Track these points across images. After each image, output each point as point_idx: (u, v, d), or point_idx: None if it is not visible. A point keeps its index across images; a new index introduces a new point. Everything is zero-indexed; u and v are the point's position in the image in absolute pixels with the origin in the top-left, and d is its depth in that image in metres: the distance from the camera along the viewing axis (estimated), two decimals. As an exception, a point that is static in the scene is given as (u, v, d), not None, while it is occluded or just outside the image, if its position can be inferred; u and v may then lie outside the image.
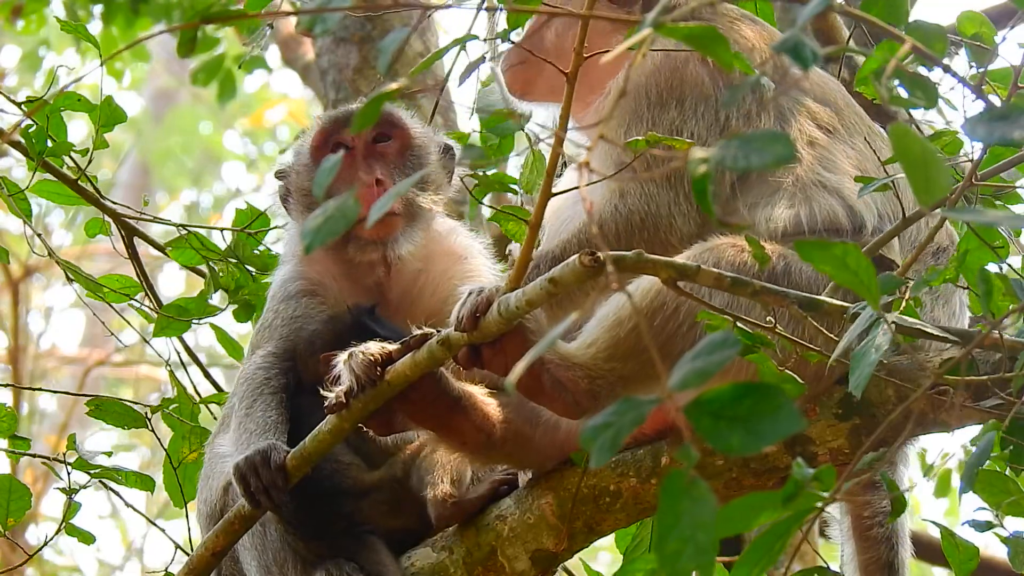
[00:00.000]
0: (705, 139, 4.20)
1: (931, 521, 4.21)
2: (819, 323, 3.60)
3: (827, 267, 2.85)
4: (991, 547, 8.11)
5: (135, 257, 5.46)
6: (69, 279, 5.24)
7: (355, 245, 4.38)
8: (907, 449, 4.25)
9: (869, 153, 4.24)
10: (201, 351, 5.75)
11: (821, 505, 2.77)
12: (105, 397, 5.00)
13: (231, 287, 5.22)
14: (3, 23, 9.29)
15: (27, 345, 11.44)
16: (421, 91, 6.43)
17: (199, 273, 5.37)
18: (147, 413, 4.94)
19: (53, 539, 4.82)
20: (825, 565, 4.03)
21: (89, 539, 4.78)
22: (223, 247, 5.26)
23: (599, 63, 3.48)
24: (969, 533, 3.85)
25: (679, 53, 4.25)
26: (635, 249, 3.27)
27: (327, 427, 3.90)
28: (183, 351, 5.50)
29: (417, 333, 3.80)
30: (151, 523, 5.38)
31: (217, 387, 5.63)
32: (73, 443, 4.72)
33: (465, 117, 5.24)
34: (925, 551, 7.05)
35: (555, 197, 4.17)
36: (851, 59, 5.56)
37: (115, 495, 4.98)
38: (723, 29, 4.31)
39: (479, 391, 4.04)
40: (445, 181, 4.54)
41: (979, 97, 3.16)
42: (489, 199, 5.40)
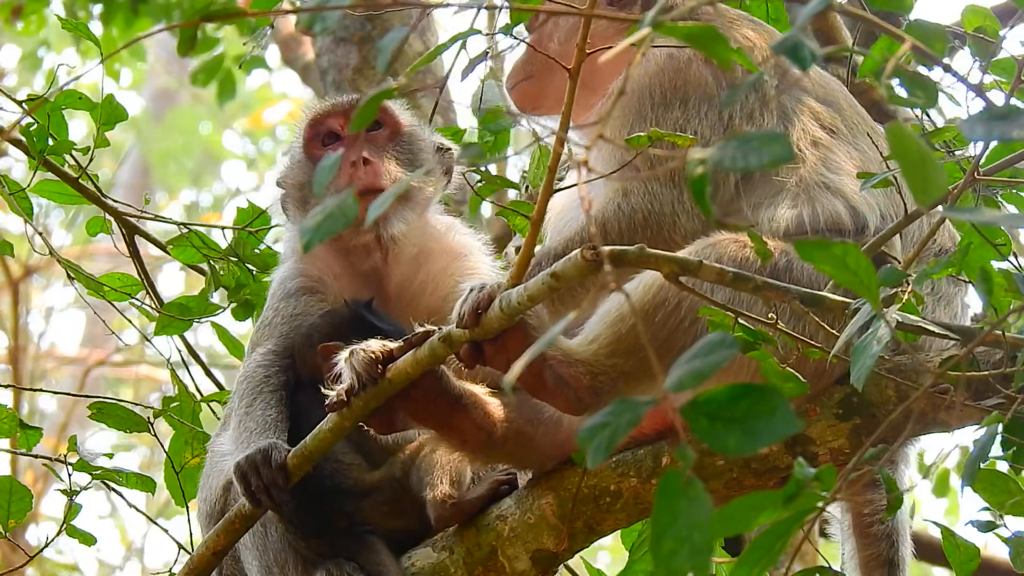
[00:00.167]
0: (709, 139, 4.20)
1: (932, 521, 4.21)
2: (821, 319, 3.60)
3: (827, 267, 2.85)
4: (991, 546, 8.12)
5: (136, 255, 5.45)
6: (70, 278, 5.23)
7: (349, 228, 4.38)
8: (908, 449, 4.25)
9: (872, 154, 4.23)
10: (200, 351, 5.73)
11: (822, 505, 2.76)
12: (107, 399, 5.00)
13: (231, 286, 5.21)
14: (3, 23, 9.28)
15: (27, 345, 11.43)
16: (421, 90, 6.43)
17: (200, 271, 5.36)
18: (149, 417, 4.93)
19: (53, 540, 4.82)
20: (827, 564, 4.03)
21: (90, 540, 4.77)
22: (224, 246, 5.25)
23: (601, 66, 3.48)
24: (969, 533, 3.85)
25: (682, 53, 4.25)
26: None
27: (328, 425, 3.90)
28: (184, 349, 5.50)
29: (419, 330, 3.79)
30: (152, 522, 5.38)
31: (219, 385, 5.62)
32: (74, 444, 4.72)
33: (465, 116, 5.24)
34: (925, 551, 7.06)
35: (560, 196, 4.18)
36: (852, 59, 5.56)
37: (116, 494, 4.97)
38: (722, 29, 4.31)
39: (480, 390, 4.04)
40: (439, 172, 4.55)
41: (979, 96, 3.16)
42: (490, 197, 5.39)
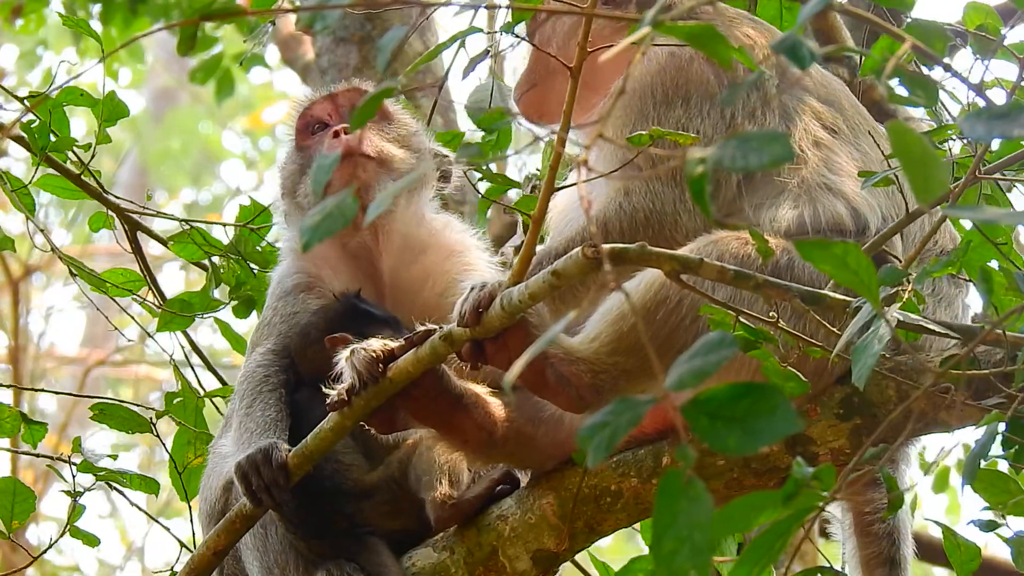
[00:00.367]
0: (711, 137, 4.20)
1: (933, 520, 4.20)
2: (821, 317, 3.59)
3: (827, 266, 2.84)
4: (991, 546, 8.12)
5: (139, 252, 5.45)
6: (72, 274, 5.23)
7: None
8: (909, 448, 4.24)
9: (874, 154, 4.23)
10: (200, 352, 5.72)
11: (821, 504, 2.76)
12: (109, 400, 4.99)
13: (232, 283, 5.21)
14: (2, 23, 9.28)
15: (27, 345, 11.43)
16: (420, 89, 6.43)
17: (202, 267, 5.36)
18: (151, 417, 4.92)
19: (57, 542, 4.81)
20: (828, 564, 4.03)
21: (94, 541, 4.76)
22: (225, 243, 5.25)
23: (602, 65, 3.48)
24: (970, 532, 3.85)
25: (684, 52, 4.24)
26: None
27: (329, 425, 3.89)
28: (187, 345, 5.49)
29: (420, 329, 3.79)
30: (154, 520, 5.37)
31: (222, 381, 5.62)
32: (78, 445, 4.71)
33: (465, 116, 5.24)
34: (926, 551, 7.05)
35: (563, 195, 4.17)
36: (852, 58, 5.56)
37: (118, 494, 4.96)
38: (722, 28, 4.31)
39: (481, 389, 4.03)
40: (434, 171, 4.56)
41: (978, 95, 3.16)
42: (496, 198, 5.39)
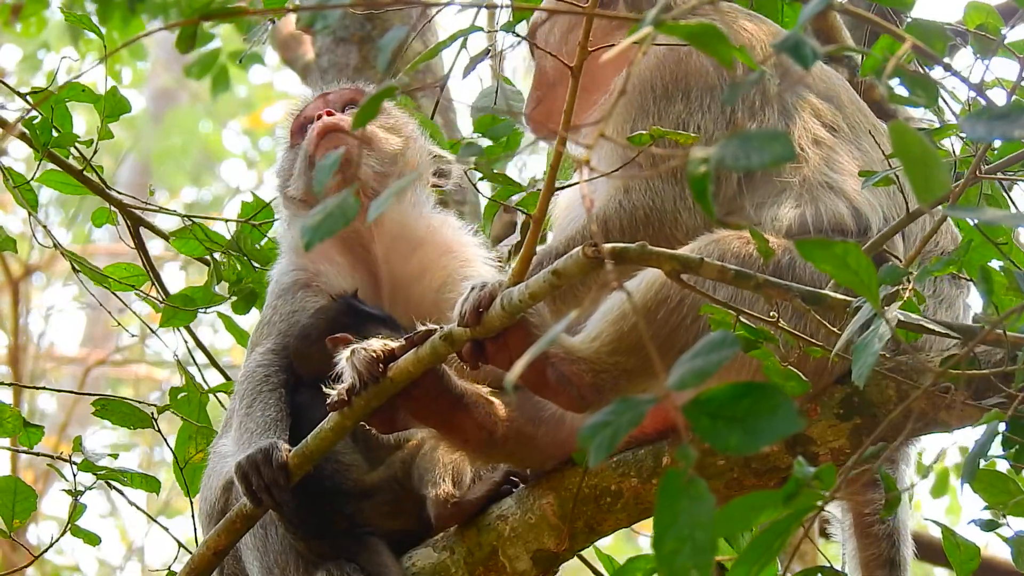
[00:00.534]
0: (712, 132, 4.19)
1: (932, 520, 4.20)
2: (822, 317, 3.59)
3: (827, 266, 2.84)
4: (991, 546, 8.12)
5: (141, 247, 5.45)
6: (75, 270, 5.23)
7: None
8: (909, 448, 4.24)
9: (875, 153, 4.22)
10: (200, 351, 5.71)
11: (821, 504, 2.76)
12: (111, 396, 4.99)
13: (232, 280, 5.21)
14: (2, 25, 9.28)
15: (27, 345, 11.42)
16: (421, 89, 6.43)
17: (204, 263, 5.35)
18: (153, 413, 4.93)
19: (57, 541, 4.81)
20: (828, 564, 4.03)
21: (95, 540, 4.76)
22: (226, 239, 5.25)
23: (602, 63, 3.48)
24: (970, 532, 3.85)
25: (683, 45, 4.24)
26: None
27: (329, 425, 3.89)
28: (191, 340, 5.49)
29: (420, 329, 3.79)
30: (154, 521, 5.37)
31: (226, 376, 5.61)
32: (79, 444, 4.71)
33: (465, 116, 5.25)
34: (926, 551, 7.05)
35: (563, 194, 4.17)
36: (852, 58, 5.56)
37: (118, 493, 4.96)
38: (723, 25, 4.31)
39: (482, 389, 4.03)
40: (429, 171, 4.57)
41: (979, 95, 3.16)
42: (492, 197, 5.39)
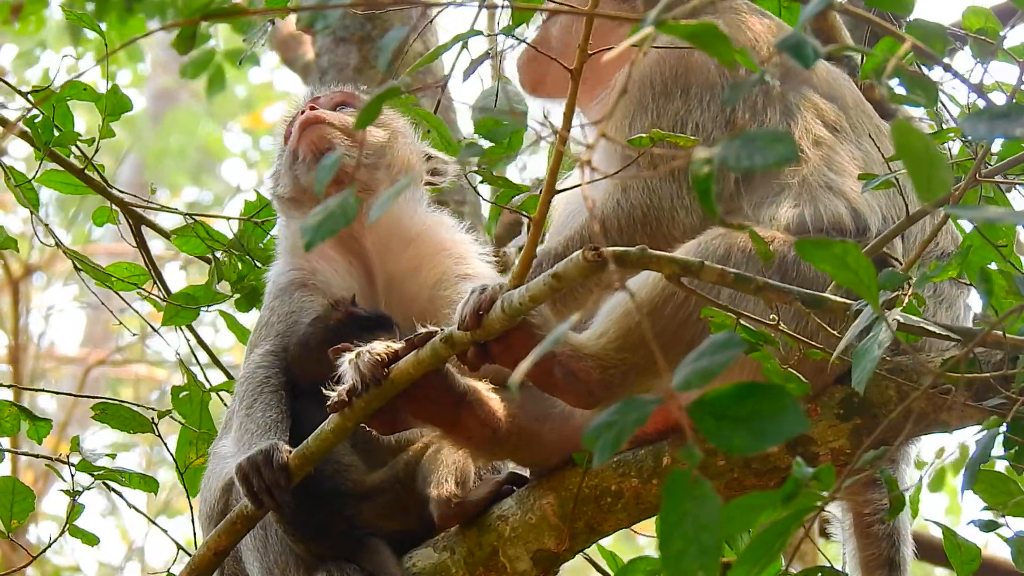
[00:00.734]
0: (711, 131, 4.18)
1: (933, 521, 4.20)
2: (822, 320, 3.59)
3: (827, 266, 2.84)
4: (991, 546, 8.13)
5: (143, 246, 5.45)
6: (76, 268, 5.23)
7: (300, 167, 4.46)
8: (909, 448, 4.24)
9: (876, 154, 4.21)
10: (200, 351, 5.71)
11: (821, 504, 2.76)
12: (110, 400, 4.99)
13: (234, 278, 5.21)
14: (1, 23, 9.27)
15: (27, 345, 11.42)
16: (421, 90, 6.42)
17: (205, 260, 5.35)
18: (153, 417, 4.92)
19: (56, 541, 4.81)
20: (828, 564, 4.03)
21: (93, 540, 4.76)
22: (228, 238, 5.25)
23: (602, 61, 3.47)
24: (971, 533, 3.85)
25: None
26: (638, 244, 3.26)
27: (330, 426, 3.89)
28: (192, 338, 5.49)
29: (421, 331, 3.79)
30: (152, 523, 5.37)
31: (227, 374, 5.61)
32: (77, 444, 4.71)
33: (466, 116, 5.24)
34: (927, 551, 7.05)
35: (562, 195, 4.17)
36: (852, 58, 5.56)
37: (116, 495, 4.97)
38: (730, 23, 4.29)
39: (484, 386, 4.02)
40: (423, 170, 4.58)
41: (979, 96, 3.16)
42: (493, 197, 5.38)
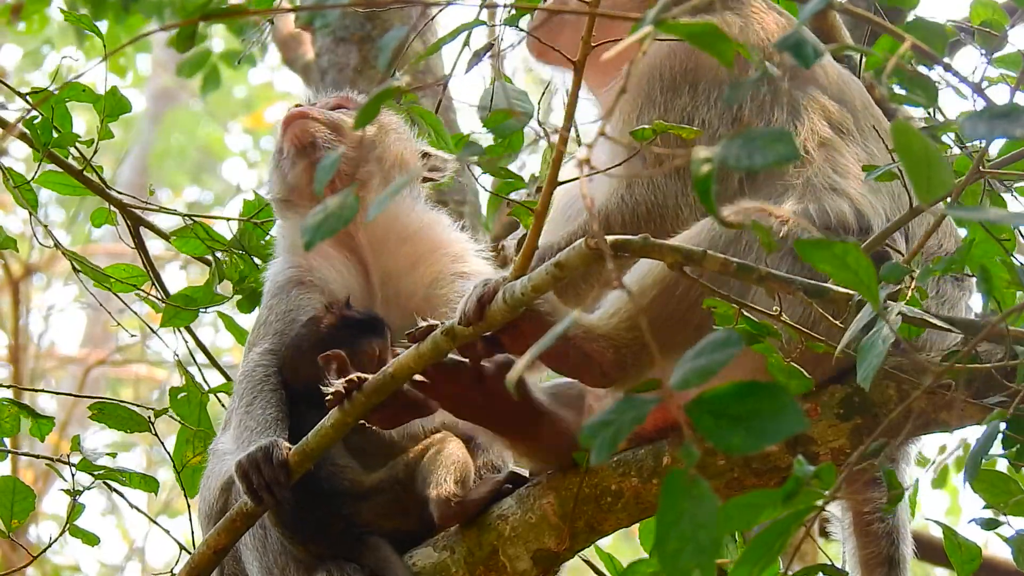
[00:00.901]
0: (716, 128, 4.17)
1: (933, 520, 4.20)
2: (825, 310, 3.57)
3: (827, 266, 2.84)
4: (991, 546, 8.13)
5: (142, 247, 5.45)
6: (75, 270, 5.23)
7: (285, 162, 4.49)
8: (910, 447, 4.24)
9: (882, 157, 4.19)
10: (200, 351, 5.70)
11: (821, 503, 2.76)
12: (108, 399, 4.99)
13: (235, 279, 5.21)
14: (3, 23, 9.28)
15: (27, 345, 11.43)
16: (421, 88, 6.42)
17: (205, 263, 5.35)
18: (150, 417, 4.92)
19: (56, 541, 4.81)
20: (829, 562, 4.03)
21: (93, 540, 4.76)
22: (227, 238, 5.25)
23: (604, 57, 3.46)
24: (971, 532, 3.85)
25: None
26: None
27: (330, 421, 3.88)
28: (191, 340, 5.49)
29: (422, 325, 3.78)
30: (153, 522, 5.37)
31: (226, 375, 5.61)
32: (77, 444, 4.71)
33: (466, 115, 5.24)
34: (927, 551, 7.05)
35: (561, 190, 4.16)
36: (851, 58, 5.56)
37: (117, 494, 4.96)
38: (744, 20, 4.28)
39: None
40: (421, 169, 4.58)
41: (979, 95, 3.16)
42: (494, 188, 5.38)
